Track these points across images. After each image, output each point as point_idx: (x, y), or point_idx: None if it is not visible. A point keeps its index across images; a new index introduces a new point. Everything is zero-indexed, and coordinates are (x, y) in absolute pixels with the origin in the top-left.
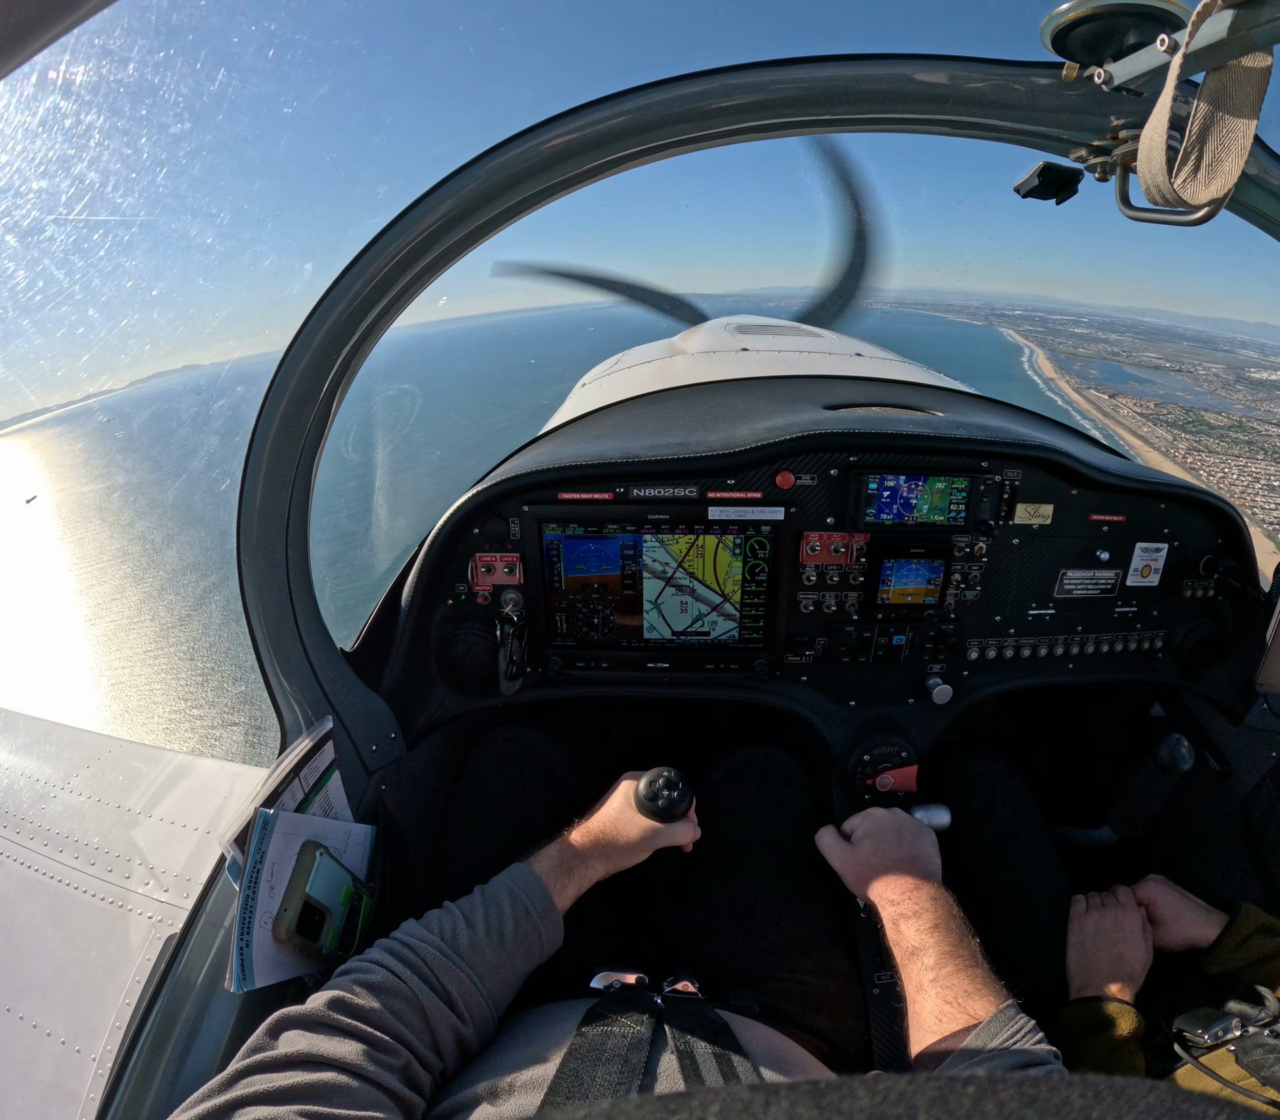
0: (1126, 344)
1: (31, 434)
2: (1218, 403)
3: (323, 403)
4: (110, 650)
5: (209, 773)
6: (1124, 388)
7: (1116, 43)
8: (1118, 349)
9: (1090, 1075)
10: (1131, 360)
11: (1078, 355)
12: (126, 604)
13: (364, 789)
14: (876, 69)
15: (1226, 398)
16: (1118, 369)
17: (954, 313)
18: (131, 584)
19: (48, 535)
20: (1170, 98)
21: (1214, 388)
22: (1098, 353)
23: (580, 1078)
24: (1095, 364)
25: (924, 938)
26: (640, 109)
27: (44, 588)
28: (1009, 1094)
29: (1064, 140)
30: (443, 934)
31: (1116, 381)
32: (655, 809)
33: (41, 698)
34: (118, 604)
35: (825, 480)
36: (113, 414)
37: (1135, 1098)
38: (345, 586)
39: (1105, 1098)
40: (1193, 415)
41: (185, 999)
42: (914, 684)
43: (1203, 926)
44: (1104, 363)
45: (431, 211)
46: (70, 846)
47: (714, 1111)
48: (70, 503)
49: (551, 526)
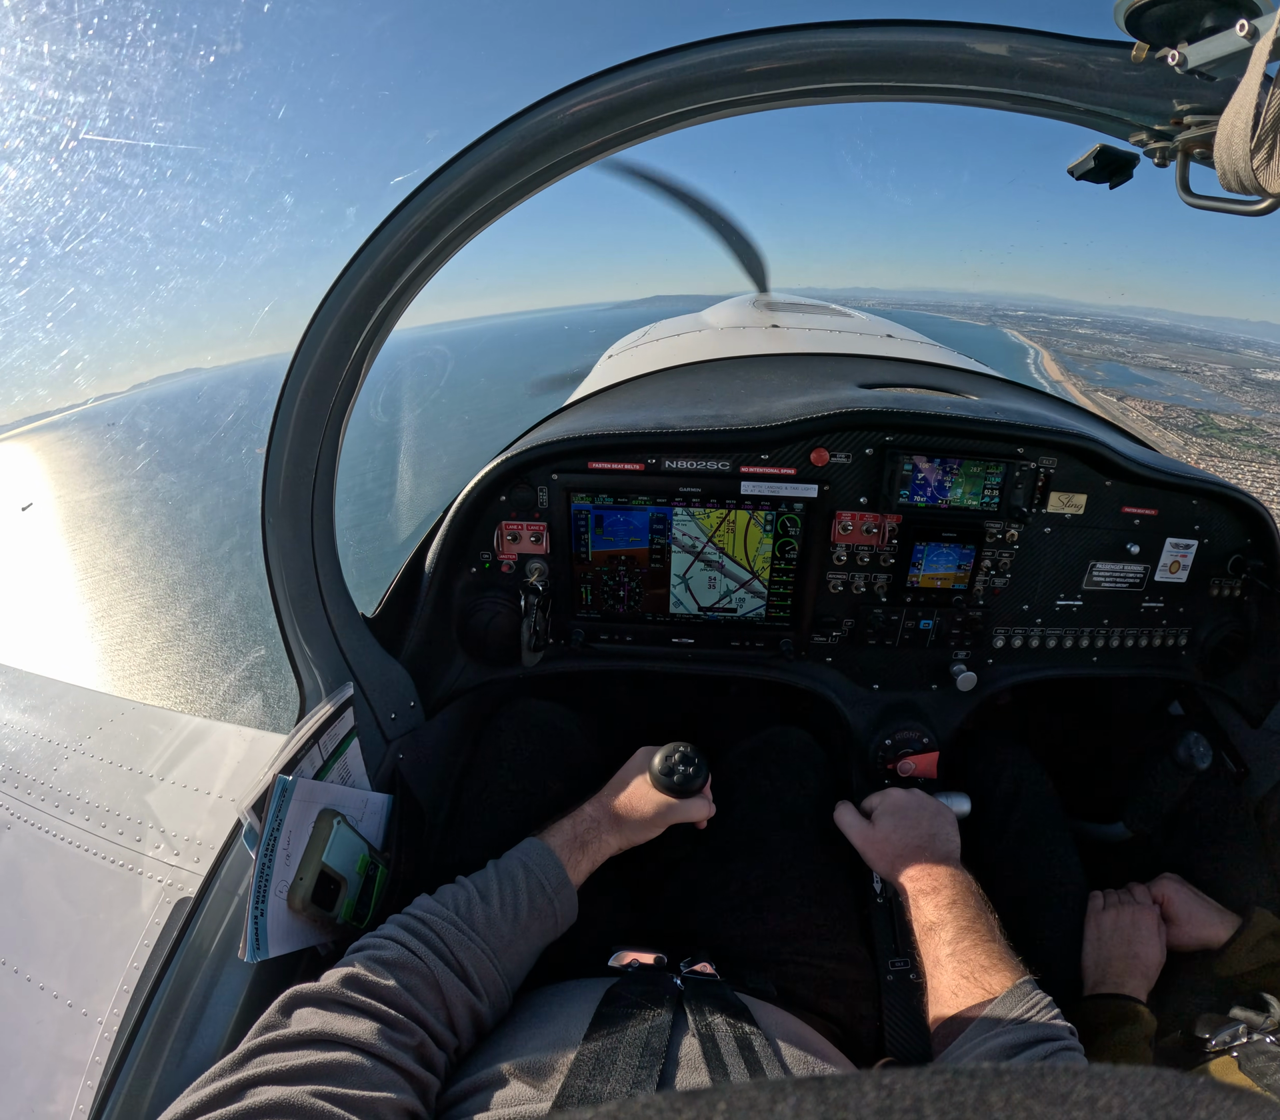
0: (1131, 344)
1: (33, 438)
2: (1226, 405)
3: (354, 361)
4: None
5: (225, 737)
6: (1132, 390)
7: (1193, 25)
8: (1123, 350)
9: (1095, 1064)
10: (1137, 361)
11: (1083, 357)
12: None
13: (381, 757)
14: (935, 36)
15: (1234, 399)
16: (1124, 370)
17: (956, 313)
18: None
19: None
20: (1257, 84)
21: (1221, 389)
22: (1103, 354)
23: (601, 1061)
24: (1101, 365)
25: (942, 913)
26: (693, 67)
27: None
28: (1014, 1085)
29: (1125, 123)
30: (457, 909)
31: (1124, 383)
32: (670, 784)
33: (53, 658)
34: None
35: (860, 459)
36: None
37: (1140, 1086)
38: (368, 550)
39: (1110, 1086)
40: (1202, 418)
41: (198, 967)
42: (938, 670)
43: (1215, 927)
44: (1110, 364)
45: (474, 166)
46: (81, 808)
47: (720, 1110)
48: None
49: (580, 496)
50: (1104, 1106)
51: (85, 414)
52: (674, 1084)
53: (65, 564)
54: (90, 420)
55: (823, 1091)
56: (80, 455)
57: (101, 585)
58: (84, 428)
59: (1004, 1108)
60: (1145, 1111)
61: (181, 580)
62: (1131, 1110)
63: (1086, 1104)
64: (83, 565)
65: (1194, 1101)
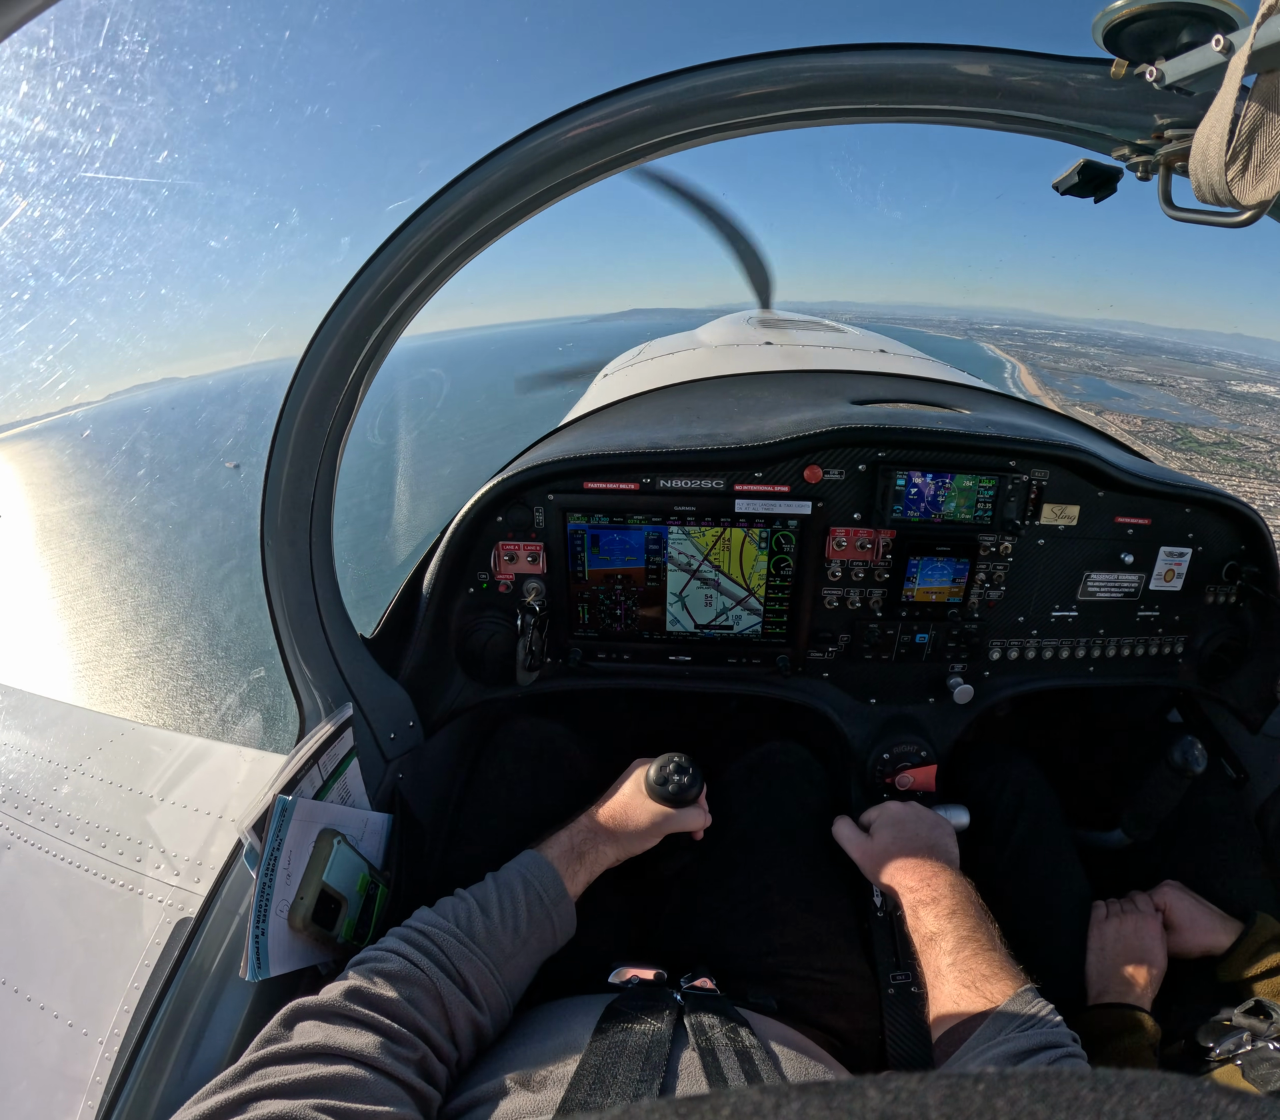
0: (1107, 358)
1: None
2: (1203, 418)
3: (350, 386)
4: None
5: (225, 757)
6: (1109, 403)
7: (1170, 41)
8: (1098, 363)
9: (1101, 1069)
10: (1113, 375)
11: (1060, 370)
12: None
13: (381, 777)
14: (918, 59)
15: (1211, 412)
16: (1101, 384)
17: (933, 327)
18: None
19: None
20: (1232, 98)
21: (1198, 402)
22: (1079, 367)
23: (601, 1075)
24: (1078, 379)
25: (942, 923)
26: (679, 94)
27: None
28: (1020, 1090)
29: (1107, 138)
30: (458, 921)
31: (1101, 397)
32: (666, 794)
33: (52, 679)
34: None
35: (853, 475)
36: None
37: (1147, 1090)
38: (366, 571)
39: (1116, 1091)
40: (1181, 432)
41: (199, 986)
42: (935, 683)
43: (1218, 934)
44: (1086, 377)
45: (467, 193)
46: (81, 829)
47: (725, 1115)
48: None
49: (576, 516)
50: (1110, 1111)
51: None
52: (674, 1096)
53: (86, 584)
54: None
55: (827, 1096)
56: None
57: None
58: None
59: (1009, 1112)
60: (1151, 1115)
61: (185, 613)
62: (1137, 1114)
63: (1092, 1108)
64: (91, 584)
65: (1200, 1105)
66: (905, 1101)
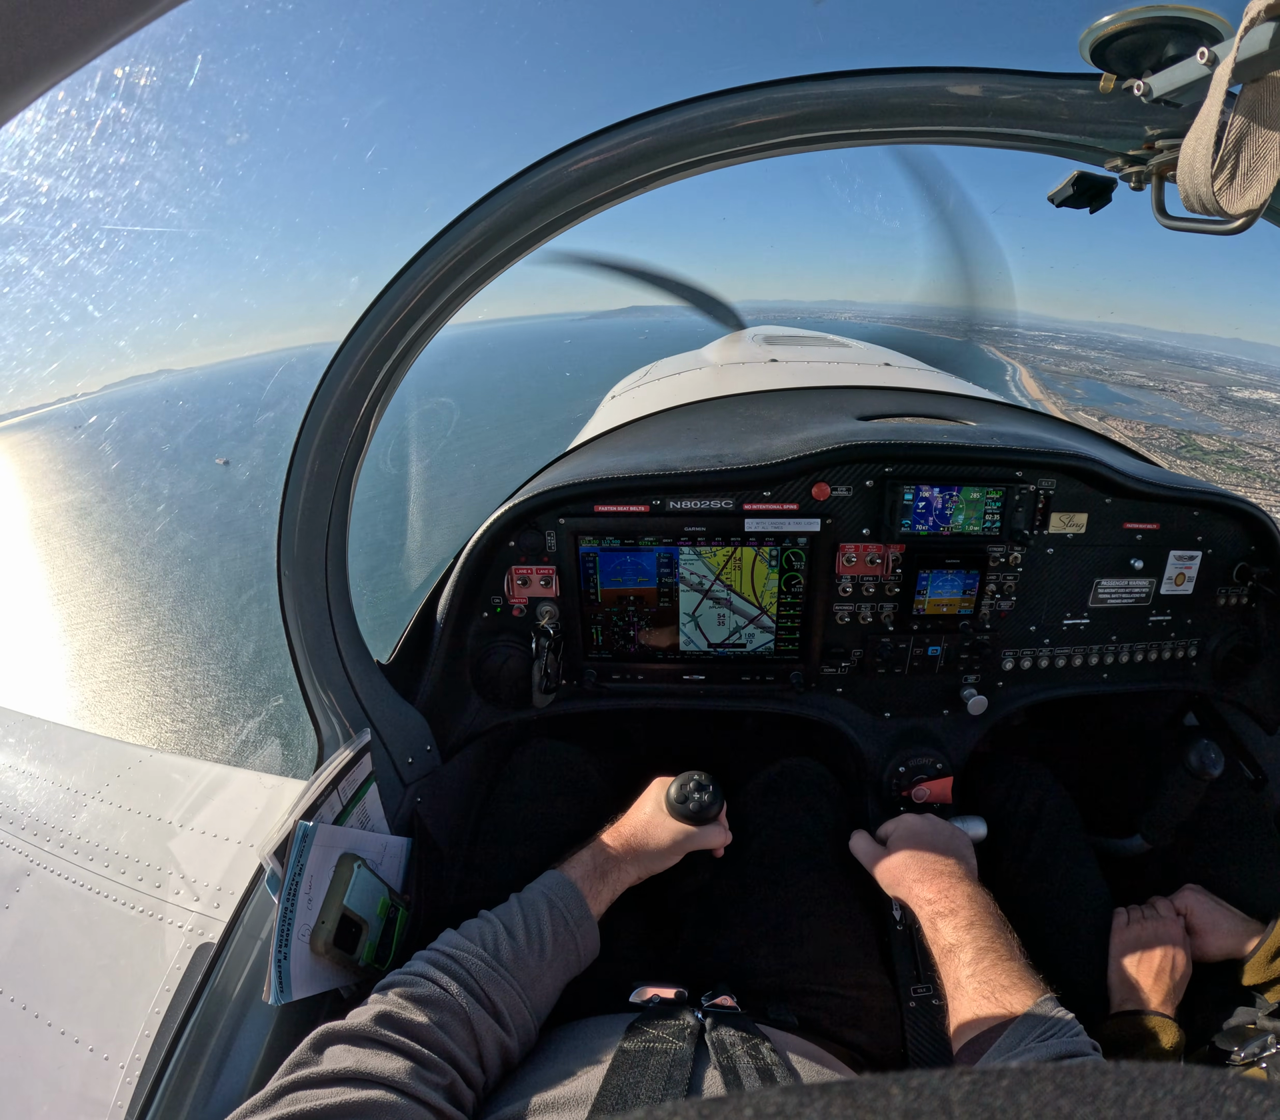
0: (1107, 361)
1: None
2: (1206, 425)
3: (363, 418)
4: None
5: (244, 784)
6: (1112, 409)
7: (1155, 55)
8: (1099, 366)
9: (1124, 1062)
10: (1115, 379)
11: (1061, 374)
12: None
13: (399, 801)
14: (910, 82)
15: (1214, 419)
16: (1103, 388)
17: (933, 328)
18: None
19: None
20: (1217, 109)
21: (1200, 408)
22: (1080, 370)
23: (624, 1094)
24: (1080, 383)
25: (960, 935)
26: (677, 126)
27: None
28: (1044, 1085)
29: (1099, 150)
30: (484, 944)
31: (1104, 402)
32: (686, 812)
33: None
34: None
35: (861, 491)
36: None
37: (1171, 1083)
38: (381, 598)
39: (1140, 1084)
40: (1184, 439)
41: (221, 1010)
42: (949, 695)
43: (1240, 937)
44: (1088, 381)
45: (474, 227)
46: (101, 855)
47: (747, 1115)
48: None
49: (588, 539)
50: (1134, 1103)
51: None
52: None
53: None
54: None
55: (850, 1095)
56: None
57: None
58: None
59: (1034, 1107)
60: (1176, 1107)
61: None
62: (1162, 1107)
63: (1117, 1102)
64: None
65: (1224, 1096)
66: (929, 1098)
